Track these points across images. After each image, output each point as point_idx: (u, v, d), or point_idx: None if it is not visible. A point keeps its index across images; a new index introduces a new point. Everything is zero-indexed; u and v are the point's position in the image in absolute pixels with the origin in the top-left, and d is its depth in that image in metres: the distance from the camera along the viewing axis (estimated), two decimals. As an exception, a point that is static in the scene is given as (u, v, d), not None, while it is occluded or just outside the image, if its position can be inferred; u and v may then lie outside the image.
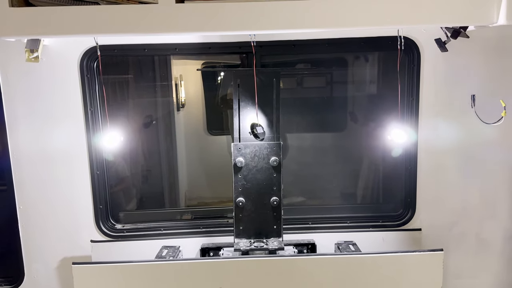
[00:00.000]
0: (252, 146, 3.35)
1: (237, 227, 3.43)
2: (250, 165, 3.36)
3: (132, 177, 4.74)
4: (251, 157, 3.36)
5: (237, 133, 3.42)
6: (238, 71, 3.47)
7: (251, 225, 3.43)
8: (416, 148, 3.64)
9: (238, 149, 3.35)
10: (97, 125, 3.59)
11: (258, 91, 3.35)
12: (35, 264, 3.74)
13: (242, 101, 3.42)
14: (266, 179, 3.39)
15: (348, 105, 5.00)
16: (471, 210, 3.72)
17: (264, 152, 3.37)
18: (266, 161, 3.37)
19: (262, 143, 3.36)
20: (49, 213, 3.66)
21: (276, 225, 3.44)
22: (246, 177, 3.37)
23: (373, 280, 3.26)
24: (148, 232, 3.80)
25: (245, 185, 3.38)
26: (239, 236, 3.46)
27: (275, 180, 3.39)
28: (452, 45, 3.21)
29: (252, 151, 3.36)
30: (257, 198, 3.40)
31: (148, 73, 4.96)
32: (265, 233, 3.44)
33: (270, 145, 3.36)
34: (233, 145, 3.35)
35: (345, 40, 3.51)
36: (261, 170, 3.38)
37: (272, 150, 3.36)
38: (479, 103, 3.40)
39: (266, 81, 3.42)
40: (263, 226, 3.45)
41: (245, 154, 3.36)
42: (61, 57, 3.43)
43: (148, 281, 3.25)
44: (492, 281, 3.85)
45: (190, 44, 3.52)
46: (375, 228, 3.80)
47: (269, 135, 3.44)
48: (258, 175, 3.38)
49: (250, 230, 3.44)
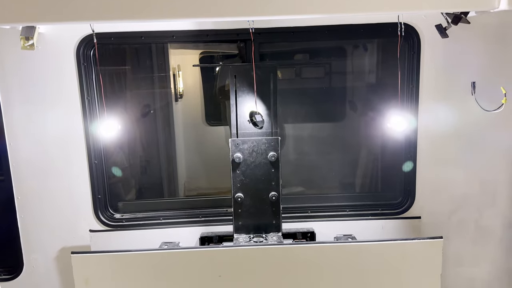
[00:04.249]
0: (250, 141, 3.33)
1: (236, 222, 3.43)
2: (248, 160, 3.35)
3: (131, 168, 4.72)
4: (249, 153, 3.35)
5: (235, 129, 3.40)
6: (236, 66, 3.43)
7: (250, 220, 3.44)
8: (416, 136, 3.63)
9: (236, 144, 3.33)
10: (94, 114, 3.56)
11: (255, 86, 3.31)
12: (34, 254, 3.73)
13: (239, 97, 3.40)
14: (265, 175, 3.38)
15: (347, 94, 4.99)
16: (470, 198, 3.72)
17: (262, 148, 3.35)
18: (264, 156, 3.35)
19: (260, 138, 3.34)
20: (48, 203, 3.64)
21: (275, 220, 3.45)
22: (245, 172, 3.36)
23: (373, 268, 3.27)
24: (147, 221, 3.78)
25: (244, 181, 3.37)
26: (238, 232, 3.46)
27: (274, 175, 3.38)
28: (452, 31, 3.18)
29: (250, 147, 3.34)
30: (256, 193, 3.40)
31: (146, 64, 4.92)
32: (264, 228, 3.44)
33: (268, 140, 3.34)
34: (231, 140, 3.33)
35: (345, 27, 3.47)
36: (259, 165, 3.37)
37: (270, 145, 3.35)
38: (479, 90, 3.37)
39: (263, 76, 3.39)
40: (262, 221, 3.45)
41: (243, 150, 3.34)
42: (57, 45, 3.38)
43: (148, 270, 3.25)
44: (491, 269, 3.86)
45: (187, 31, 3.48)
46: (375, 217, 3.80)
47: (267, 130, 3.42)
48: (257, 171, 3.37)
49: (249, 225, 3.45)
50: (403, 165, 3.75)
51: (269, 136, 3.41)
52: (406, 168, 3.72)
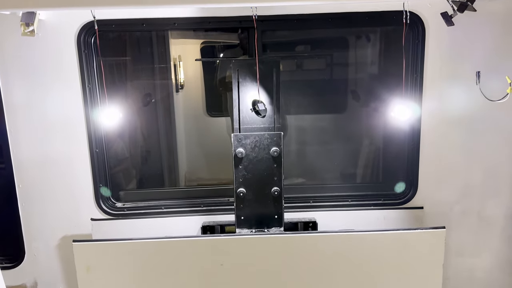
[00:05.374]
0: (252, 136, 3.32)
1: (239, 217, 3.42)
2: (250, 155, 3.34)
3: (132, 158, 4.71)
4: (252, 148, 3.33)
5: (237, 123, 3.38)
6: (238, 60, 3.41)
7: (252, 215, 3.43)
8: (419, 126, 3.60)
9: (238, 139, 3.31)
10: (95, 103, 3.53)
11: (258, 74, 3.29)
12: (35, 242, 3.73)
13: (241, 92, 3.37)
14: (267, 170, 3.37)
15: (349, 84, 4.96)
16: (474, 188, 3.70)
17: (265, 143, 3.33)
18: (266, 151, 3.34)
19: (262, 133, 3.32)
20: (49, 191, 3.63)
21: (277, 215, 3.44)
22: (247, 167, 3.35)
23: (375, 257, 3.27)
24: (148, 210, 3.77)
25: (246, 176, 3.36)
26: (240, 226, 3.46)
27: (276, 170, 3.36)
28: (458, 19, 3.14)
29: (252, 142, 3.33)
30: (258, 188, 3.39)
31: (146, 54, 4.89)
32: (266, 222, 3.43)
33: (270, 136, 3.32)
34: (233, 135, 3.31)
35: (349, 15, 3.43)
36: (261, 160, 3.35)
37: (273, 141, 3.33)
38: (484, 80, 3.34)
39: (265, 71, 3.37)
40: (264, 216, 3.44)
41: (246, 145, 3.32)
42: (58, 32, 3.35)
43: (149, 258, 3.25)
44: (493, 259, 3.86)
45: (189, 18, 3.44)
46: (377, 207, 3.78)
47: (270, 125, 3.41)
48: (259, 166, 3.36)
49: (251, 220, 3.44)
50: (406, 155, 3.73)
51: (272, 131, 3.38)
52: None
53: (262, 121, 3.40)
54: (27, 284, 3.83)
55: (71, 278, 3.74)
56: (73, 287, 3.75)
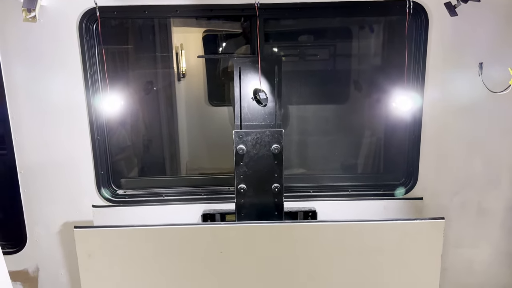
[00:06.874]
0: (253, 133, 3.32)
1: (239, 213, 3.44)
2: (251, 152, 3.34)
3: (133, 147, 4.73)
4: (253, 145, 3.34)
5: (239, 120, 3.39)
6: (240, 58, 3.40)
7: (252, 211, 3.44)
8: (420, 117, 3.59)
9: (239, 136, 3.32)
10: (97, 89, 3.53)
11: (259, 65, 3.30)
12: (37, 228, 3.76)
13: (243, 89, 3.38)
14: (268, 166, 3.37)
15: (352, 74, 4.94)
16: (473, 180, 3.70)
17: (266, 140, 3.33)
18: (267, 148, 3.34)
19: (263, 130, 3.32)
20: (50, 178, 3.64)
21: (278, 212, 3.45)
22: (248, 164, 3.36)
23: (374, 247, 3.28)
24: (149, 198, 3.79)
25: (247, 172, 3.36)
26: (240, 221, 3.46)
27: (277, 167, 3.37)
28: (461, 10, 3.12)
29: (253, 139, 3.33)
30: (259, 185, 3.40)
31: (148, 42, 4.88)
32: (266, 218, 3.45)
33: (271, 133, 3.32)
34: (235, 132, 3.31)
35: (352, 4, 3.41)
36: (262, 157, 3.36)
37: (274, 138, 3.33)
38: (486, 71, 3.32)
39: (267, 68, 3.36)
40: (264, 212, 3.45)
41: (247, 142, 3.33)
42: (59, 19, 3.33)
43: (150, 245, 3.28)
44: (492, 251, 3.87)
45: (191, 6, 3.42)
46: (377, 197, 3.79)
47: (271, 122, 3.41)
48: (260, 162, 3.37)
49: (251, 216, 3.45)
50: (407, 146, 3.73)
51: (273, 128, 3.39)
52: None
53: (263, 118, 3.42)
54: (29, 269, 3.87)
55: (72, 264, 3.78)
56: (74, 273, 3.80)
